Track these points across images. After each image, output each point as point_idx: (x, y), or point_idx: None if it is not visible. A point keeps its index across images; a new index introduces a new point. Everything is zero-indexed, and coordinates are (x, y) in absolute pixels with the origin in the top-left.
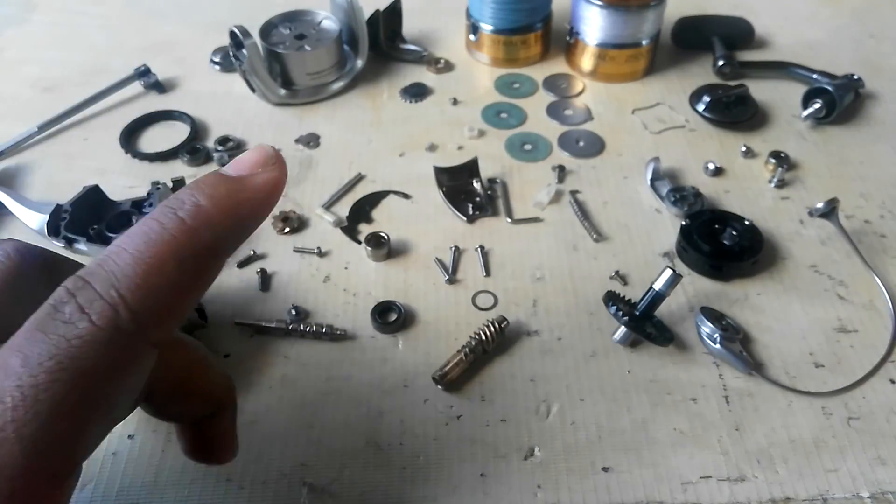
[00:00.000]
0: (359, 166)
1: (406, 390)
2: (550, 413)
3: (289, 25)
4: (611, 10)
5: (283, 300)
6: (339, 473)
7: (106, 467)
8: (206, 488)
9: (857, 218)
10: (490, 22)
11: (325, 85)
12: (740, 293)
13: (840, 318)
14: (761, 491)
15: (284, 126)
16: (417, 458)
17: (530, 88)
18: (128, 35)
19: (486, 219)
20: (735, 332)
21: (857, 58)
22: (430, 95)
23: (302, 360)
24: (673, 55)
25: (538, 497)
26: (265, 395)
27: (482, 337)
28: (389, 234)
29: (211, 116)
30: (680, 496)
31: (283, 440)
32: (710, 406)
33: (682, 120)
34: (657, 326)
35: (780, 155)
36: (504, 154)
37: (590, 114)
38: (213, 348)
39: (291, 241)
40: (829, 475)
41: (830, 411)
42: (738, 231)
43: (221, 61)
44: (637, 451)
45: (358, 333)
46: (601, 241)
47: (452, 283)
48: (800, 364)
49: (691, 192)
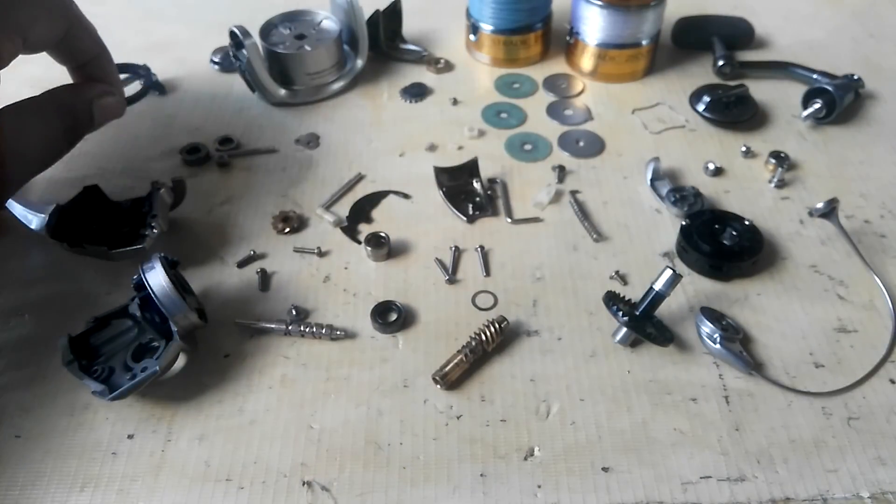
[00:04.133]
0: (359, 166)
1: (406, 390)
2: (550, 413)
3: (289, 25)
4: (611, 10)
5: (283, 300)
6: (339, 473)
7: (106, 467)
8: (206, 488)
9: (857, 218)
10: (490, 22)
11: (325, 85)
12: (740, 293)
13: (840, 318)
14: (761, 491)
15: (284, 126)
16: (417, 458)
17: (530, 88)
18: (128, 35)
19: (486, 219)
20: (735, 332)
21: (857, 58)
22: (430, 95)
23: (302, 360)
24: (673, 55)
25: (538, 497)
26: (265, 395)
27: (482, 337)
28: (389, 234)
29: (211, 116)
30: (680, 496)
31: (283, 440)
32: (710, 406)
33: (682, 120)
34: (657, 326)
35: (780, 155)
36: (504, 154)
37: (590, 114)
38: (214, 348)
39: (291, 240)
40: (829, 475)
41: (830, 411)
42: (738, 231)
43: (221, 61)
44: (637, 451)
45: (358, 333)
46: (601, 241)
47: (452, 283)
48: (800, 364)
49: (691, 192)
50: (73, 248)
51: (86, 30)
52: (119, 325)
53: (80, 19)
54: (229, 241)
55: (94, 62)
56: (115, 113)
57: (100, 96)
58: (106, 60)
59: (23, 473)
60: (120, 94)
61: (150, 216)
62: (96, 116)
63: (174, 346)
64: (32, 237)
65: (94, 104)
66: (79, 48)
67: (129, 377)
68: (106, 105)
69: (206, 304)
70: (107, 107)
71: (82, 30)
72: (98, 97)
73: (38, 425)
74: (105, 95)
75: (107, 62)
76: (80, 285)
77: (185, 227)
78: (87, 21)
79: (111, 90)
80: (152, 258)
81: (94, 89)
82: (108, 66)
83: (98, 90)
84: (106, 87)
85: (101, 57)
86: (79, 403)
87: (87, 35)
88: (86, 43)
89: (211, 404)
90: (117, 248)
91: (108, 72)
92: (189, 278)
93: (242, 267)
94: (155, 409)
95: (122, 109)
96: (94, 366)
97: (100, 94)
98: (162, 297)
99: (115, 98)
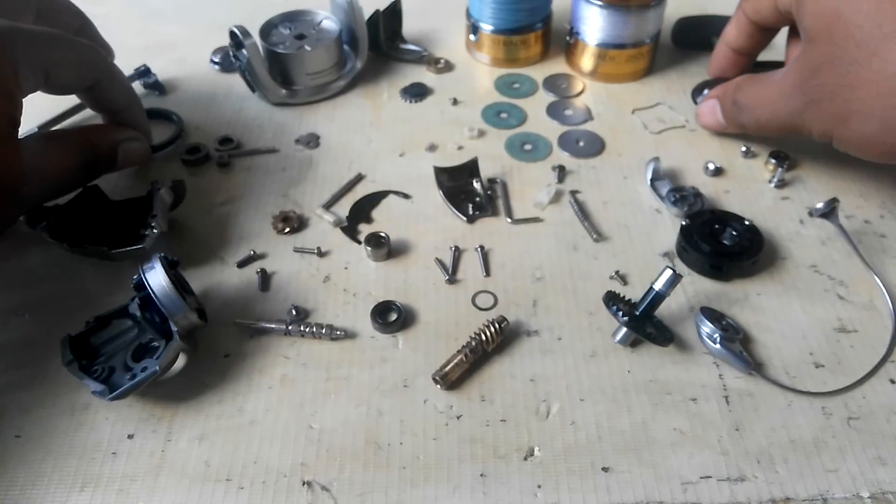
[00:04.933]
0: (359, 166)
1: (406, 390)
2: (550, 413)
3: (289, 25)
4: (611, 10)
5: (283, 300)
6: (339, 473)
7: (106, 467)
8: (206, 488)
9: (857, 218)
10: (490, 22)
11: (325, 85)
12: (740, 293)
13: (840, 318)
14: (761, 491)
15: (284, 126)
16: (417, 458)
17: (530, 88)
18: (128, 35)
19: (486, 219)
20: (735, 332)
21: None
22: (430, 95)
23: (302, 360)
24: (673, 55)
25: (538, 497)
26: (265, 395)
27: (482, 337)
28: (389, 234)
29: (211, 116)
30: (680, 496)
31: (283, 440)
32: (710, 406)
33: (682, 120)
34: (657, 326)
35: (780, 155)
36: (504, 154)
37: (590, 114)
38: (214, 348)
39: (291, 241)
40: (829, 475)
41: (830, 411)
42: (738, 231)
43: (221, 61)
44: (637, 451)
45: (358, 333)
46: (601, 241)
47: (452, 283)
48: (800, 364)
49: (691, 192)
50: (73, 248)
51: (117, 83)
52: (119, 325)
53: (112, 73)
54: (229, 241)
55: (124, 112)
56: (140, 159)
57: (127, 141)
58: (136, 111)
59: (23, 473)
60: (146, 143)
61: (150, 216)
62: (120, 159)
63: (174, 346)
64: (32, 237)
65: (119, 147)
66: (109, 98)
67: (129, 377)
68: (131, 150)
69: (206, 304)
70: (132, 152)
71: (113, 83)
72: (125, 141)
73: (38, 425)
74: (132, 141)
75: (137, 113)
76: (80, 285)
77: (185, 227)
78: (120, 75)
79: (139, 137)
80: (152, 258)
81: (121, 133)
82: (138, 117)
83: (126, 135)
84: (134, 134)
85: (132, 108)
86: (79, 403)
87: (117, 88)
88: (116, 94)
89: (211, 404)
90: (117, 248)
91: (138, 122)
92: (189, 278)
93: (242, 267)
94: (155, 409)
95: (146, 157)
96: (94, 366)
97: (127, 139)
98: (162, 297)
99: (140, 144)
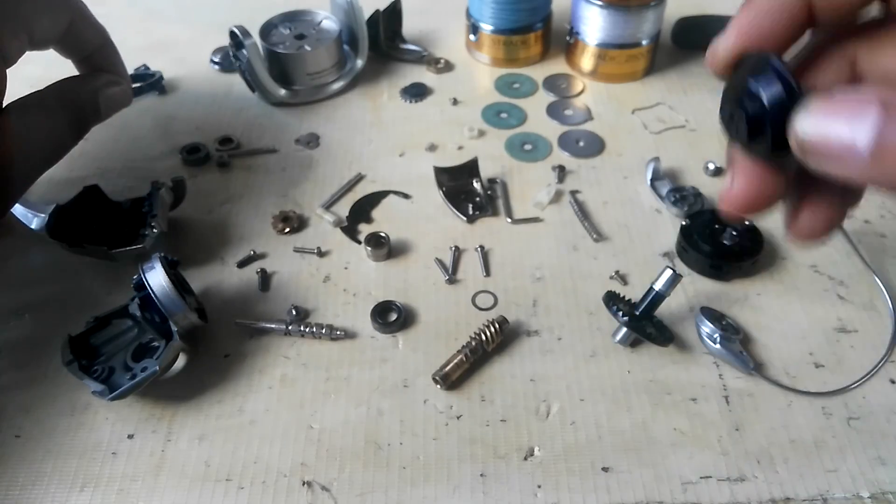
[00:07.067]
0: (359, 166)
1: (406, 390)
2: (550, 413)
3: (289, 25)
4: (611, 10)
5: (283, 300)
6: (339, 473)
7: (106, 467)
8: (206, 488)
9: (857, 218)
10: (490, 22)
11: (325, 85)
12: (740, 293)
13: (840, 318)
14: (761, 491)
15: (284, 126)
16: (417, 458)
17: (530, 88)
18: (128, 35)
19: (486, 219)
20: (735, 332)
21: None
22: (430, 95)
23: (302, 360)
24: (673, 55)
25: (538, 497)
26: (265, 395)
27: (482, 337)
28: (389, 234)
29: (211, 116)
30: (680, 496)
31: (283, 440)
32: (710, 406)
33: (682, 120)
34: (657, 326)
35: None
36: (504, 154)
37: (590, 114)
38: (213, 348)
39: (291, 240)
40: (829, 475)
41: (830, 411)
42: (738, 231)
43: (221, 61)
44: (637, 451)
45: (358, 333)
46: (601, 241)
47: (452, 283)
48: (800, 364)
49: (691, 192)
50: (73, 248)
51: (89, 20)
52: (119, 325)
53: (82, 9)
54: (229, 241)
55: (98, 53)
56: (122, 102)
57: (106, 86)
58: (110, 50)
59: (23, 473)
60: (126, 84)
61: (150, 216)
62: (102, 107)
63: (174, 346)
64: (32, 237)
65: (99, 94)
66: (83, 39)
67: (129, 377)
68: (112, 94)
69: (206, 304)
70: (113, 96)
71: (85, 20)
72: (104, 87)
73: (38, 425)
74: (111, 85)
75: (111, 52)
76: (80, 285)
77: (185, 227)
78: (89, 11)
79: (117, 80)
80: (152, 258)
81: (99, 79)
82: (113, 56)
83: (103, 80)
84: (111, 77)
85: (106, 47)
86: (79, 403)
87: (90, 25)
88: (89, 33)
89: (211, 404)
90: (117, 248)
91: (113, 62)
92: (189, 278)
93: (242, 267)
94: (155, 409)
95: (128, 99)
96: (94, 366)
97: (105, 84)
98: (162, 297)
99: (120, 87)
